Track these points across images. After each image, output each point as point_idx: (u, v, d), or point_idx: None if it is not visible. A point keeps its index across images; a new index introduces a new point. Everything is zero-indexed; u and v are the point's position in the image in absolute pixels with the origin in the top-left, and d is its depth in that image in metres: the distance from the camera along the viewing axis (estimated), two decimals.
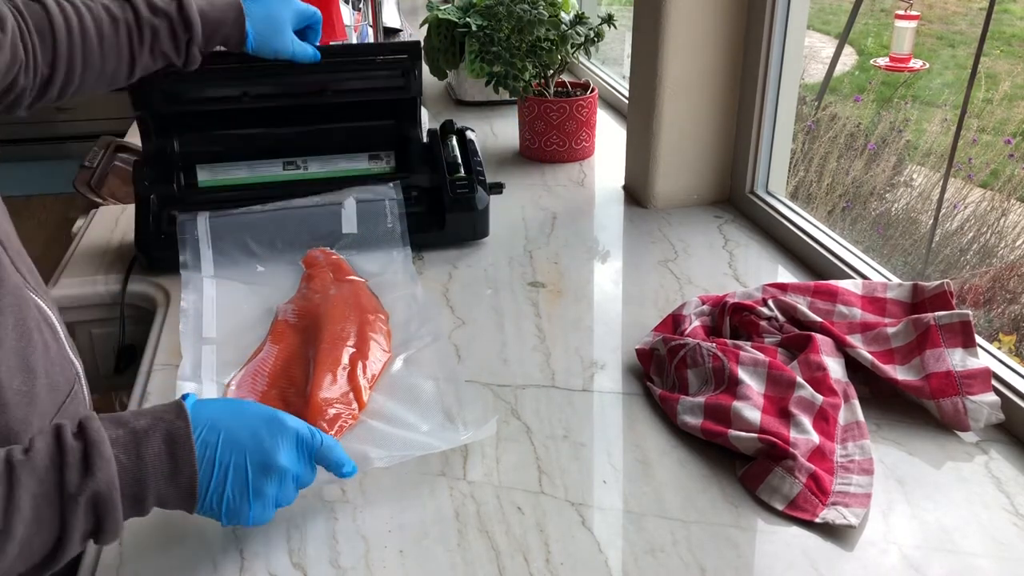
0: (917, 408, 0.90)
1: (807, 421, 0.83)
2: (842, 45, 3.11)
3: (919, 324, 0.92)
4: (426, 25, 1.93)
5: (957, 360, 0.89)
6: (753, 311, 0.97)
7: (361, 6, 1.84)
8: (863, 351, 0.92)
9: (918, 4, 2.85)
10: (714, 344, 0.92)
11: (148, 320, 1.14)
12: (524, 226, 1.38)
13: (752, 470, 0.81)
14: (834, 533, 0.75)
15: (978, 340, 0.91)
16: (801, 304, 0.98)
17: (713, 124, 1.39)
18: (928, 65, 3.00)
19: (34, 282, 0.77)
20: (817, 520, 0.76)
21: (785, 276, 1.21)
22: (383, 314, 1.08)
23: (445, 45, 1.88)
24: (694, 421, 0.87)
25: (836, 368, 0.90)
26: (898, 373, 0.90)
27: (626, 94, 1.68)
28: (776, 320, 0.97)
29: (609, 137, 1.75)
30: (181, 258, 1.17)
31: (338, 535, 0.77)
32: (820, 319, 0.95)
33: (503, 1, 1.57)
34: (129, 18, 0.97)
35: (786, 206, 1.32)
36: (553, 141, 1.63)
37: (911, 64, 2.84)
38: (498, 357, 1.02)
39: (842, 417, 0.86)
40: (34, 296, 0.75)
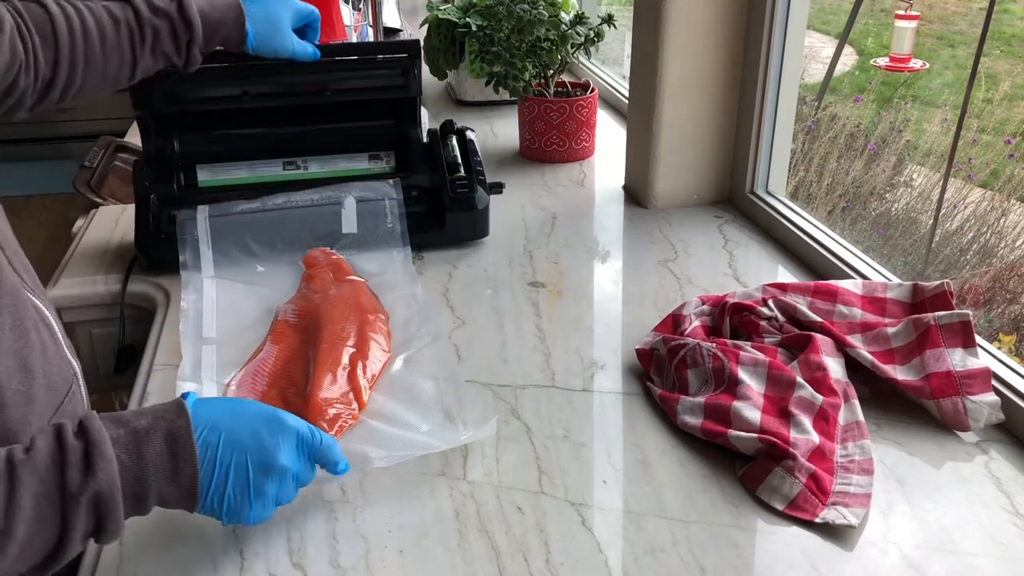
0: (917, 408, 0.90)
1: (807, 421, 0.83)
2: (842, 45, 3.11)
3: (919, 324, 0.92)
4: (426, 25, 1.92)
5: (957, 360, 0.89)
6: (753, 311, 0.97)
7: (361, 6, 1.84)
8: (863, 351, 0.92)
9: (918, 4, 2.85)
10: (714, 344, 0.92)
11: (148, 320, 1.14)
12: (524, 226, 1.38)
13: (752, 470, 0.81)
14: (834, 533, 0.75)
15: (978, 340, 0.91)
16: (801, 304, 0.98)
17: (713, 124, 1.39)
18: (928, 65, 3.00)
19: (31, 282, 0.77)
20: (817, 520, 0.76)
21: (785, 276, 1.21)
22: (383, 314, 1.08)
23: (445, 45, 1.88)
24: (694, 421, 0.87)
25: (836, 368, 0.90)
26: (898, 373, 0.90)
27: (626, 94, 1.68)
28: (776, 320, 0.97)
29: (609, 137, 1.75)
30: (181, 258, 1.17)
31: (338, 535, 0.77)
32: (820, 319, 0.95)
33: (503, 1, 1.57)
34: (130, 19, 0.97)
35: (786, 206, 1.32)
36: (553, 141, 1.63)
37: (911, 64, 2.84)
38: (498, 357, 1.02)
39: (842, 417, 0.86)
40: (31, 296, 0.74)
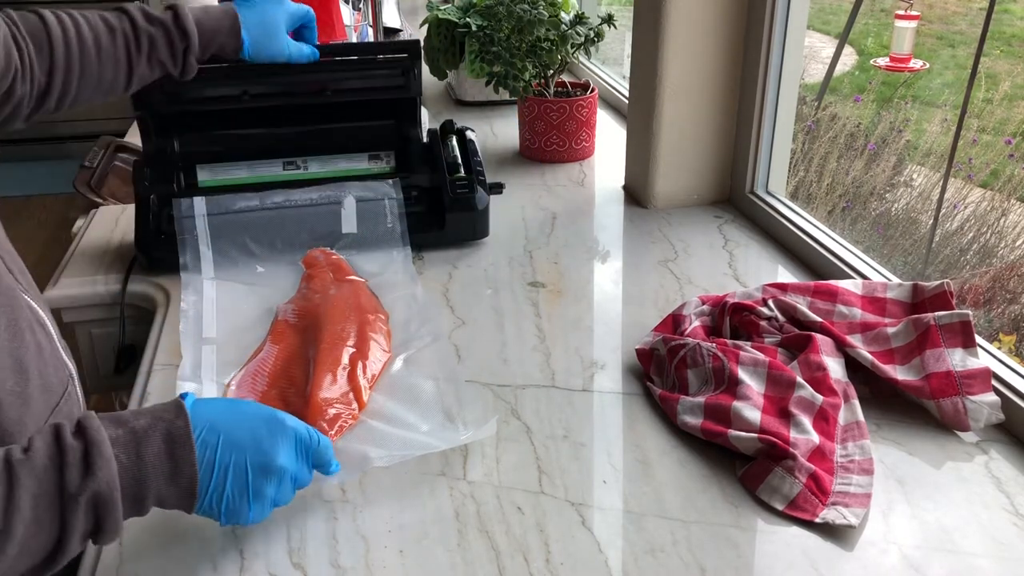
0: (917, 408, 0.90)
1: (807, 421, 0.83)
2: (842, 45, 3.11)
3: (919, 324, 0.92)
4: (426, 25, 1.93)
5: (957, 360, 0.89)
6: (753, 311, 0.97)
7: (361, 6, 1.84)
8: (863, 351, 0.92)
9: (918, 4, 2.84)
10: (714, 344, 0.92)
11: (148, 320, 1.14)
12: (524, 226, 1.38)
13: (752, 470, 0.81)
14: (834, 533, 0.75)
15: (978, 340, 0.91)
16: (801, 304, 0.98)
17: (713, 124, 1.39)
18: (928, 65, 3.00)
19: (26, 283, 0.77)
20: (817, 520, 0.76)
21: (785, 276, 1.21)
22: (383, 314, 1.08)
23: (445, 45, 1.88)
24: (694, 421, 0.87)
25: (836, 368, 0.90)
26: (898, 373, 0.90)
27: (626, 94, 1.68)
28: (776, 320, 0.97)
29: (609, 137, 1.75)
30: (181, 260, 1.17)
31: (338, 535, 0.77)
32: (820, 319, 0.95)
33: (503, 1, 1.57)
34: (126, 28, 0.97)
35: (786, 206, 1.32)
36: (553, 141, 1.63)
37: (911, 64, 2.83)
38: (498, 357, 1.02)
39: (842, 417, 0.86)
40: (26, 297, 0.74)
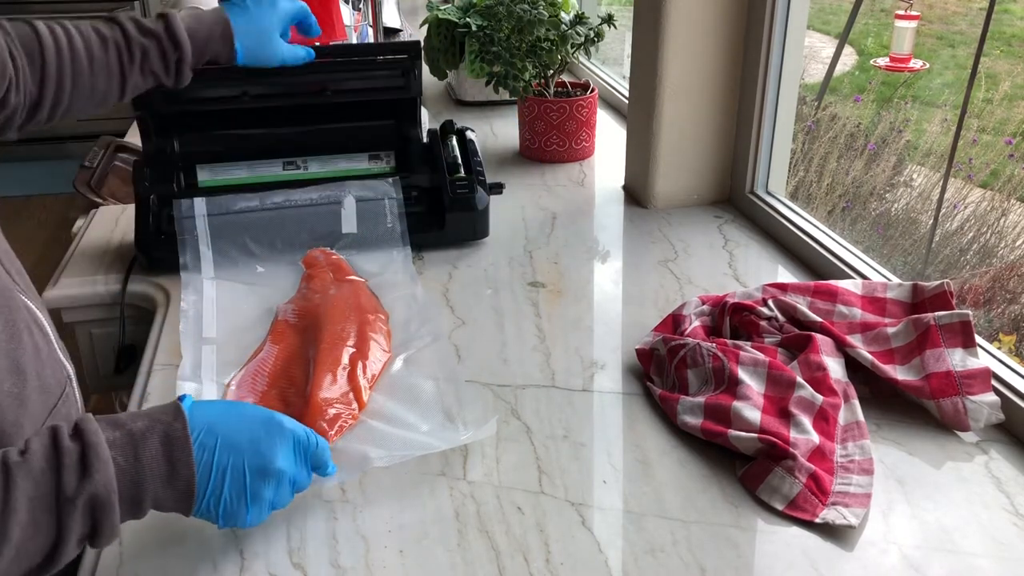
0: (917, 408, 0.90)
1: (807, 421, 0.83)
2: (842, 45, 3.11)
3: (919, 324, 0.92)
4: (426, 25, 1.93)
5: (957, 360, 0.89)
6: (753, 311, 0.97)
7: (361, 6, 1.84)
8: (863, 351, 0.92)
9: (918, 4, 2.84)
10: (714, 344, 0.92)
11: (148, 320, 1.14)
12: (524, 226, 1.38)
13: (752, 470, 0.81)
14: (834, 533, 0.75)
15: (978, 340, 0.91)
16: (801, 304, 0.98)
17: (713, 124, 1.39)
18: (928, 65, 3.00)
19: (24, 284, 0.76)
20: (817, 520, 0.76)
21: (785, 276, 1.21)
22: (383, 314, 1.08)
23: (445, 45, 1.88)
24: (694, 421, 0.87)
25: (836, 368, 0.90)
26: (898, 373, 0.90)
27: (626, 94, 1.68)
28: (776, 320, 0.97)
29: (609, 137, 1.75)
30: (181, 260, 1.17)
31: (338, 535, 0.77)
32: (820, 319, 0.95)
33: (503, 1, 1.57)
34: (118, 38, 0.96)
35: (786, 206, 1.32)
36: (553, 141, 1.63)
37: (911, 64, 2.83)
38: (498, 357, 1.02)
39: (842, 417, 0.86)
40: (24, 298, 0.74)
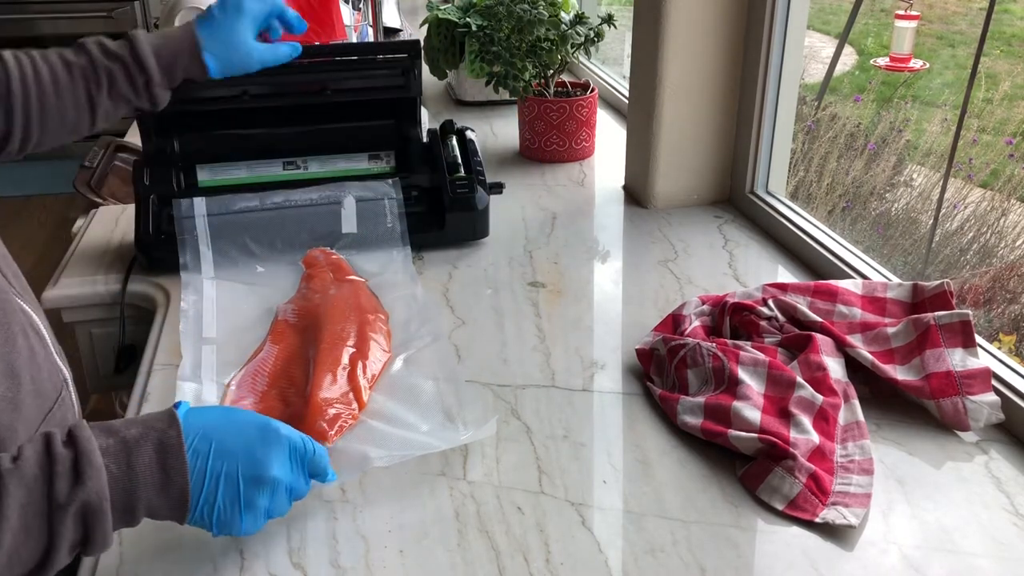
0: (917, 408, 0.90)
1: (807, 421, 0.83)
2: (842, 45, 3.11)
3: (919, 324, 0.92)
4: (426, 25, 1.92)
5: (957, 360, 0.89)
6: (753, 311, 0.97)
7: (361, 6, 1.84)
8: (863, 351, 0.92)
9: (918, 4, 2.84)
10: (714, 344, 0.92)
11: (148, 320, 1.14)
12: (524, 226, 1.37)
13: (752, 470, 0.81)
14: (834, 533, 0.75)
15: (978, 340, 0.91)
16: (801, 304, 0.98)
17: (713, 124, 1.39)
18: (928, 65, 3.00)
19: (20, 287, 0.76)
20: (817, 520, 0.76)
21: (785, 276, 1.21)
22: (383, 314, 1.08)
23: (445, 45, 1.88)
24: (694, 421, 0.87)
25: (836, 368, 0.90)
26: (898, 373, 0.90)
27: (626, 94, 1.68)
28: (776, 320, 0.97)
29: (609, 137, 1.75)
30: (181, 260, 1.17)
31: (338, 535, 0.77)
32: (820, 319, 0.95)
33: (503, 1, 1.57)
34: (84, 65, 0.92)
35: (786, 206, 1.32)
36: (553, 141, 1.63)
37: (911, 64, 2.83)
38: (498, 357, 1.02)
39: (842, 417, 0.86)
40: (19, 301, 0.73)
